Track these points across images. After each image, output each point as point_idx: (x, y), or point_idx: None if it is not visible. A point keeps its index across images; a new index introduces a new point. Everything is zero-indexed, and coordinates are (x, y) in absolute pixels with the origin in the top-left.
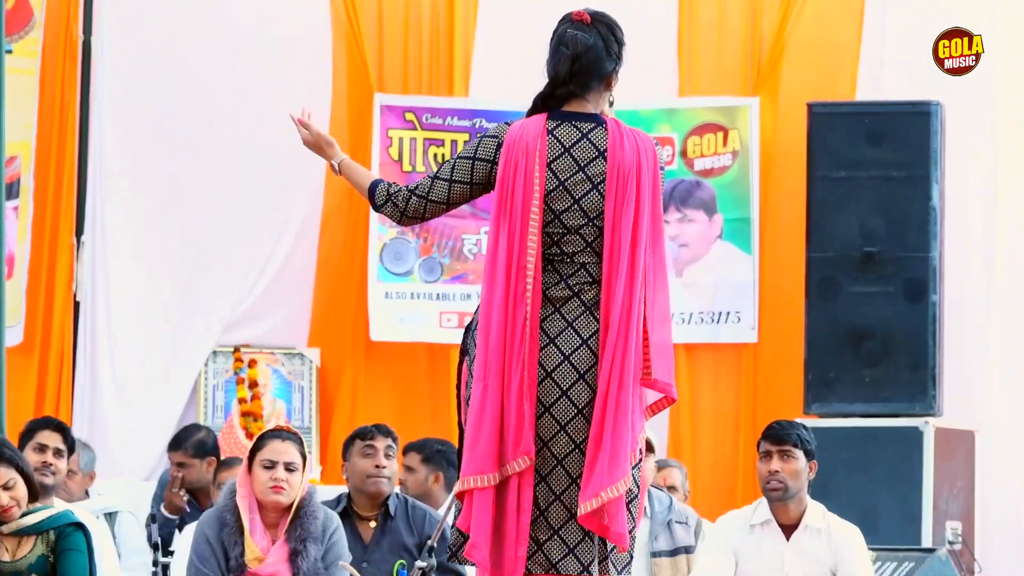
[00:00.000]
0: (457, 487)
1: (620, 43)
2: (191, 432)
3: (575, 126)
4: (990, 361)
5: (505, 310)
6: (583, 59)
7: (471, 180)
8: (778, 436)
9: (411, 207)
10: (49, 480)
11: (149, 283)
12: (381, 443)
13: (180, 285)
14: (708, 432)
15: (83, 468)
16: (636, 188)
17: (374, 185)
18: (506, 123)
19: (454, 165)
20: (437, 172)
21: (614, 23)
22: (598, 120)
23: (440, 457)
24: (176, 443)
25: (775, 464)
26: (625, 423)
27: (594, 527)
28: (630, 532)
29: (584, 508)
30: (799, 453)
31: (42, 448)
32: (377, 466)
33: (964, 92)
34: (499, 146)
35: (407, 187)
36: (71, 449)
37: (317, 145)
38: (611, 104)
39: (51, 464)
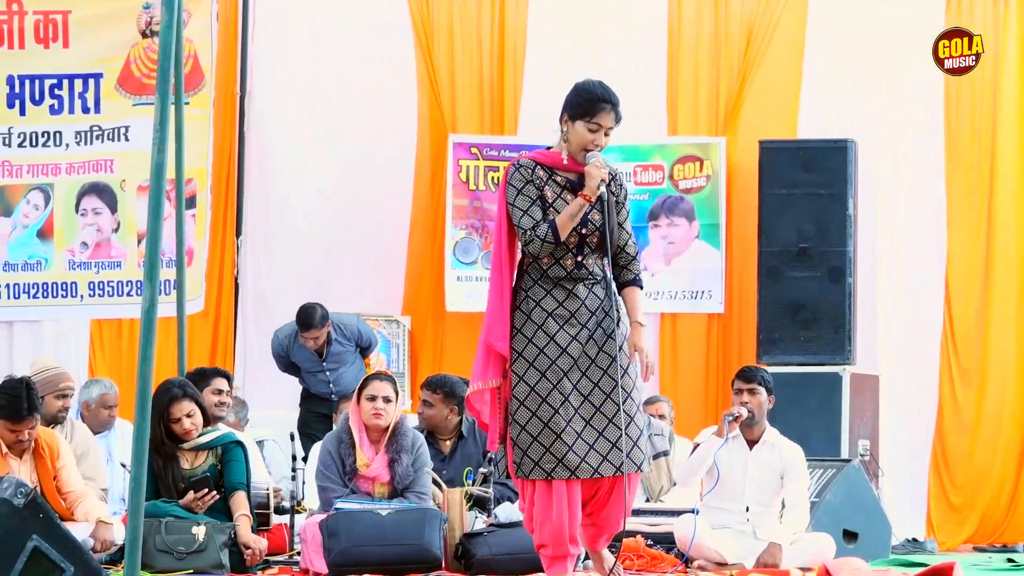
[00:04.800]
0: None
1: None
2: (311, 313)
3: None
4: (889, 327)
5: None
6: None
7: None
8: (747, 376)
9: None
10: (223, 412)
11: (290, 269)
12: (424, 394)
13: (312, 270)
14: (688, 376)
15: (240, 418)
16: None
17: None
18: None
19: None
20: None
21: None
22: None
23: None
24: (307, 325)
25: (745, 397)
26: None
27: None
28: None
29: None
30: (762, 389)
31: (219, 391)
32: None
33: (872, 131)
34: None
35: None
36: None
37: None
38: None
39: (225, 402)
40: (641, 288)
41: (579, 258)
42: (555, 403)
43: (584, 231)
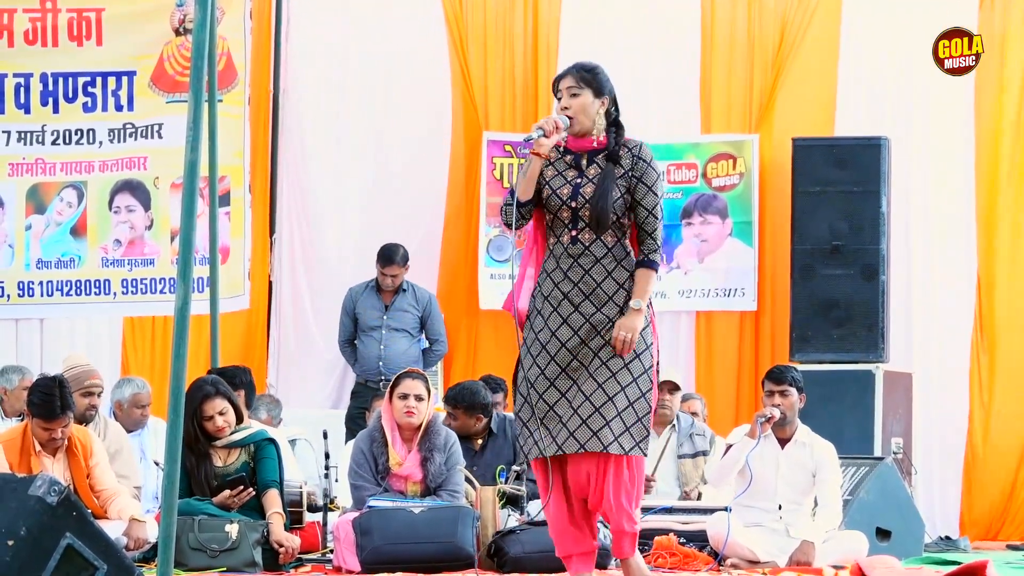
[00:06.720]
0: None
1: None
2: (394, 250)
3: None
4: (922, 324)
5: None
6: None
7: None
8: (778, 377)
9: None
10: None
11: (324, 267)
12: (447, 408)
13: (346, 267)
14: (721, 374)
15: (273, 416)
16: None
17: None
18: None
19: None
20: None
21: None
22: None
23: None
24: (388, 260)
25: (776, 399)
26: None
27: None
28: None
29: None
30: (793, 390)
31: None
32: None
33: (907, 128)
34: None
35: None
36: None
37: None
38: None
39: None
40: (652, 269)
41: (574, 233)
42: (541, 388)
43: (574, 204)
